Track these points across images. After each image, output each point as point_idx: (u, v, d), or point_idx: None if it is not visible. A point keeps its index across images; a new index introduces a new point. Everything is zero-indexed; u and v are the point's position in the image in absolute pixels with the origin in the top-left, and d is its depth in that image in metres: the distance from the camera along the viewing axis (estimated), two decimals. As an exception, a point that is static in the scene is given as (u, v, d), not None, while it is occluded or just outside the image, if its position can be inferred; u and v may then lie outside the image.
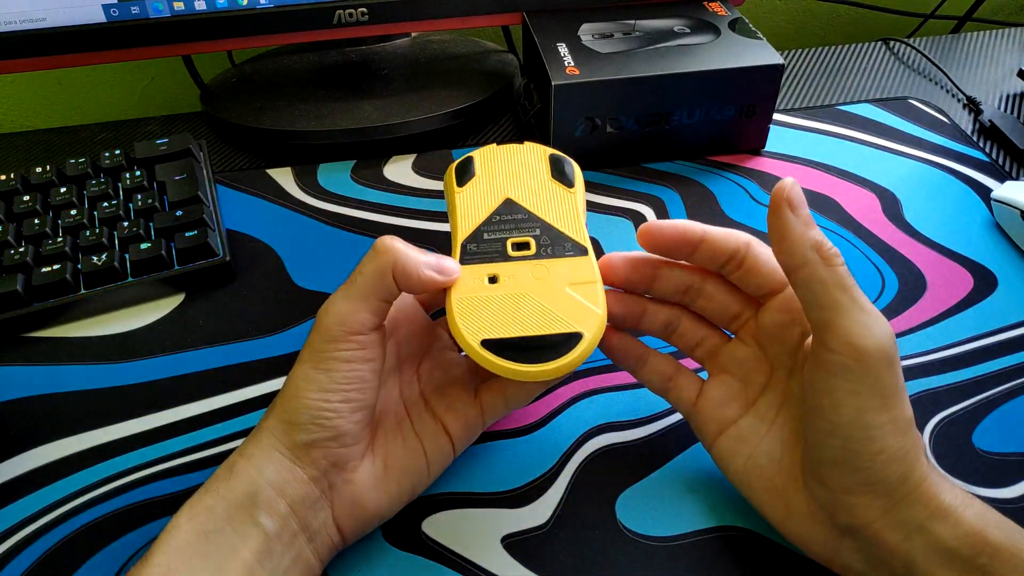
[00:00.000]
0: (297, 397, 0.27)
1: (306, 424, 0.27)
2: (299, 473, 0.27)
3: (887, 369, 0.25)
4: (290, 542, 0.26)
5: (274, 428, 0.27)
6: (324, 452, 0.27)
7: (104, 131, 0.56)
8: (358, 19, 0.50)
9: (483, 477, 0.32)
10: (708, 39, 0.48)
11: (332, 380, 0.27)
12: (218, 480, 0.27)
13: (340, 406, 0.27)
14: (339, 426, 0.27)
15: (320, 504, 0.27)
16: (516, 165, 0.33)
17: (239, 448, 0.28)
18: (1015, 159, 0.49)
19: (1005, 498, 0.31)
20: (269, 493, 0.26)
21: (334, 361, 0.27)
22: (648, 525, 0.30)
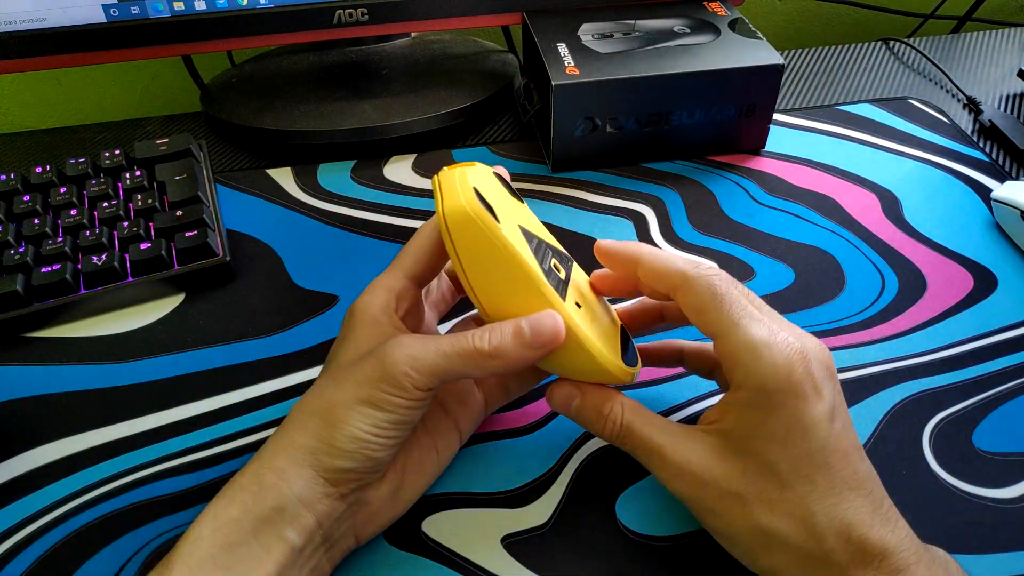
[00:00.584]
0: (345, 424, 0.26)
1: (351, 453, 0.26)
2: (331, 490, 0.26)
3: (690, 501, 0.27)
4: (312, 554, 0.26)
5: (312, 447, 0.26)
6: (357, 477, 0.27)
7: (104, 131, 0.56)
8: (358, 19, 0.50)
9: (483, 477, 0.32)
10: (708, 39, 0.48)
11: (387, 420, 0.26)
12: (244, 490, 0.26)
13: (387, 442, 0.27)
14: (380, 460, 0.27)
15: (344, 516, 0.27)
16: (492, 188, 0.29)
17: (266, 458, 0.26)
18: (1015, 159, 0.49)
19: (1005, 498, 0.31)
20: (298, 508, 0.26)
21: (395, 408, 0.26)
22: (648, 525, 0.30)
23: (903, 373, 0.36)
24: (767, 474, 0.25)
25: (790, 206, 0.46)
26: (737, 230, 0.44)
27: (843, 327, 0.38)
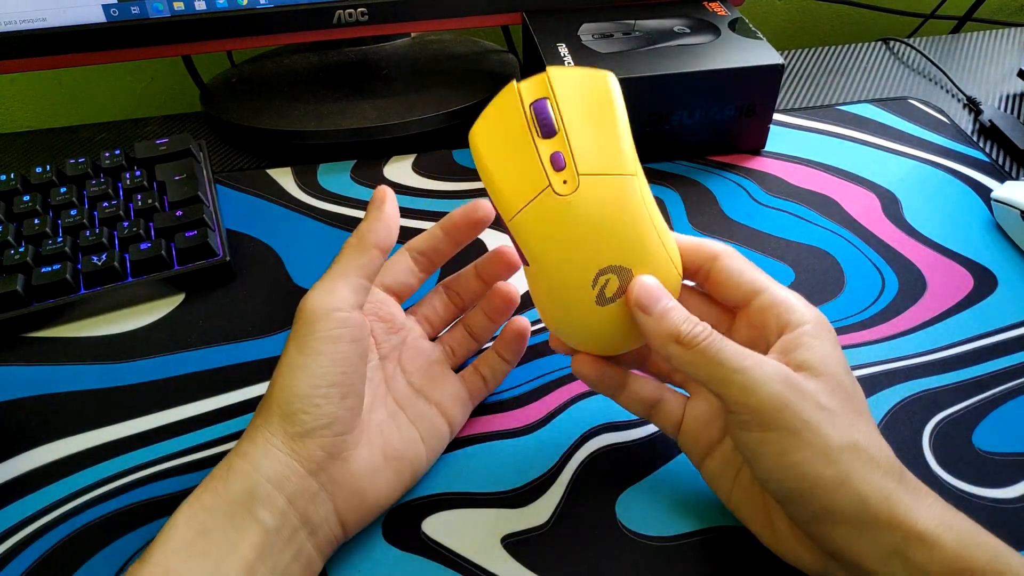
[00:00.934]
0: (286, 388, 0.27)
1: (298, 414, 0.27)
2: (296, 467, 0.27)
3: (779, 411, 0.25)
4: (290, 537, 0.26)
5: (267, 424, 0.27)
6: (319, 443, 0.27)
7: (104, 131, 0.56)
8: (358, 19, 0.50)
9: (483, 477, 0.32)
10: (708, 39, 0.48)
11: (319, 364, 0.27)
12: (215, 479, 0.27)
13: (329, 391, 0.27)
14: (331, 413, 0.27)
15: (320, 497, 0.27)
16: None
17: (234, 448, 0.28)
18: (1015, 159, 0.49)
19: (1005, 498, 0.31)
20: (267, 488, 0.26)
21: (318, 343, 0.27)
22: (648, 525, 0.30)
23: (903, 373, 0.36)
24: (848, 395, 0.26)
25: (790, 206, 0.46)
26: (737, 230, 0.44)
27: (843, 327, 0.38)
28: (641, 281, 0.27)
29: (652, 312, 0.27)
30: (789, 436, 0.25)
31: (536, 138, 0.27)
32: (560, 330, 0.30)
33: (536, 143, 0.27)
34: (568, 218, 0.27)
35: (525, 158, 0.27)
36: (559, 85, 0.28)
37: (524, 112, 0.28)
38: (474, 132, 0.29)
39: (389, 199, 0.30)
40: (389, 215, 0.30)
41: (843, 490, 0.24)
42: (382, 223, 0.30)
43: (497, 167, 0.28)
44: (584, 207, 0.27)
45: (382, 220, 0.30)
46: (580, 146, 0.27)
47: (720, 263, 0.29)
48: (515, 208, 0.27)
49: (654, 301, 0.27)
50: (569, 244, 0.27)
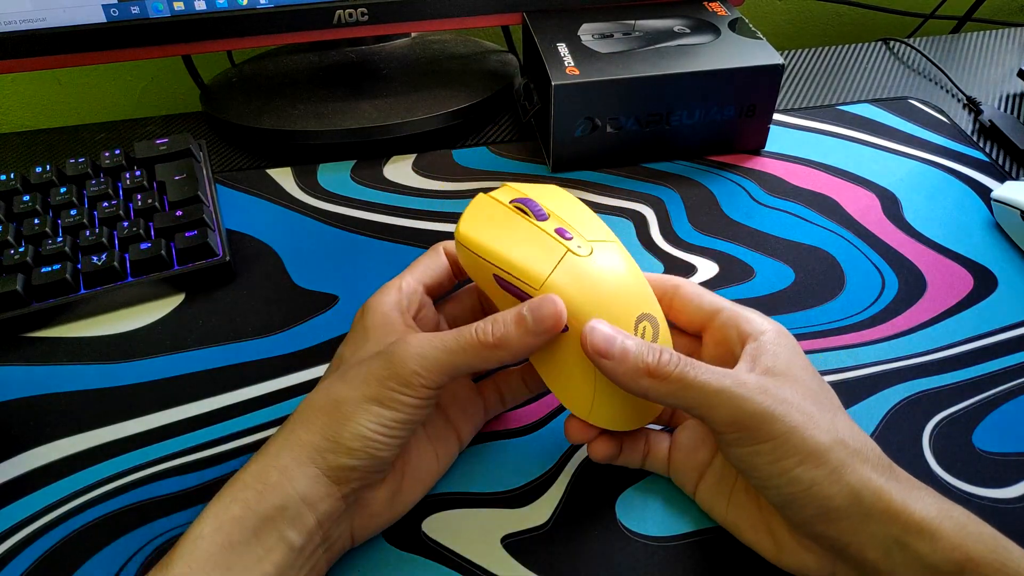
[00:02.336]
0: (352, 422, 0.26)
1: (357, 451, 0.26)
2: (334, 491, 0.26)
3: (767, 423, 0.25)
4: (312, 554, 0.26)
5: (316, 444, 0.26)
6: (361, 475, 0.27)
7: (104, 131, 0.56)
8: (358, 19, 0.50)
9: (483, 477, 0.32)
10: (708, 39, 0.48)
11: (394, 419, 0.26)
12: (248, 489, 0.26)
13: (392, 442, 0.27)
14: (384, 459, 0.27)
15: (344, 517, 0.27)
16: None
17: (270, 456, 0.26)
18: (1015, 159, 0.49)
19: (1005, 498, 0.31)
20: (300, 508, 0.26)
21: (404, 406, 0.26)
22: (648, 525, 0.30)
23: (903, 373, 0.36)
24: (818, 397, 0.27)
25: (790, 206, 0.46)
26: (737, 230, 0.44)
27: (843, 327, 0.38)
28: (589, 328, 0.27)
29: (611, 354, 0.26)
30: (779, 444, 0.25)
31: (533, 221, 0.29)
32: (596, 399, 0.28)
33: (536, 224, 0.29)
34: (596, 274, 0.28)
35: (532, 236, 0.29)
36: (531, 190, 0.31)
37: (509, 207, 0.30)
38: (464, 230, 0.30)
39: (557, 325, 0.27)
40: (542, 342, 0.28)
41: (836, 487, 0.25)
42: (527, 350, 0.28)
43: (507, 249, 0.29)
44: (605, 265, 0.29)
45: (531, 347, 0.28)
46: (575, 221, 0.30)
47: (681, 291, 0.31)
48: (542, 276, 0.28)
49: (610, 342, 0.26)
50: (605, 297, 0.28)
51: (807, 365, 0.28)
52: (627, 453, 0.31)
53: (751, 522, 0.29)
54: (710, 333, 0.31)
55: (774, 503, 0.26)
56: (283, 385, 0.36)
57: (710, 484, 0.30)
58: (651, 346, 0.27)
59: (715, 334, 0.30)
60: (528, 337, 0.27)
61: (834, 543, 0.25)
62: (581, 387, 0.28)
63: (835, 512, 0.25)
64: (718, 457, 0.30)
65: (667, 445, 0.31)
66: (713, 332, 0.30)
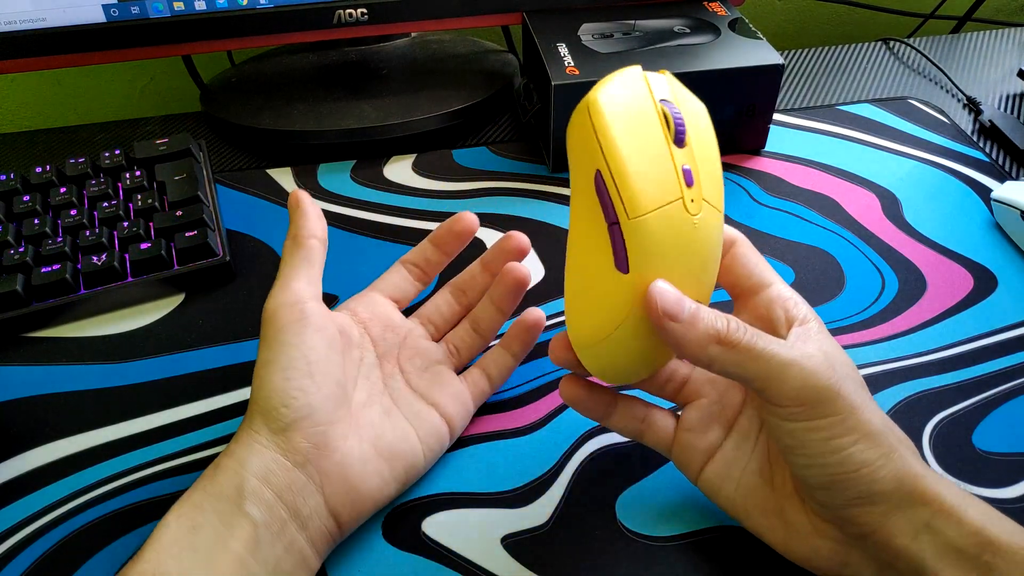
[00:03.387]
0: (262, 386, 0.28)
1: (277, 408, 0.27)
2: (282, 461, 0.27)
3: (832, 400, 0.25)
4: (280, 530, 0.26)
5: (251, 423, 0.28)
6: (302, 435, 0.27)
7: (104, 131, 0.56)
8: (358, 19, 0.50)
9: (483, 477, 0.32)
10: (708, 39, 0.48)
11: (288, 357, 0.28)
12: (204, 479, 0.27)
13: (304, 383, 0.28)
14: (308, 404, 0.28)
15: (308, 490, 0.27)
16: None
17: (224, 450, 0.28)
18: (1015, 159, 0.49)
19: (1005, 498, 0.31)
20: (254, 483, 0.26)
21: (283, 336, 0.28)
22: (648, 525, 0.30)
23: (903, 373, 0.36)
24: (861, 385, 0.26)
25: (790, 206, 0.46)
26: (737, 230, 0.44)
27: (843, 327, 0.38)
28: (660, 288, 0.25)
29: (681, 317, 0.25)
30: (839, 422, 0.25)
31: (669, 140, 0.25)
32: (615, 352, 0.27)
33: (671, 147, 0.25)
34: (693, 238, 0.25)
35: (660, 159, 0.25)
36: (677, 93, 0.27)
37: (656, 108, 0.25)
38: (597, 101, 0.25)
39: (303, 198, 0.32)
40: (310, 209, 0.32)
41: (884, 470, 0.25)
42: (307, 217, 0.31)
43: (631, 155, 0.24)
44: (705, 232, 0.26)
45: (306, 215, 0.32)
46: (703, 169, 0.26)
47: (736, 249, 0.30)
48: (644, 208, 0.24)
49: (680, 306, 0.25)
50: (689, 264, 0.26)
51: (849, 360, 0.27)
52: (620, 418, 0.30)
53: (761, 506, 0.28)
54: (752, 304, 0.29)
55: (814, 483, 0.26)
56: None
57: (718, 467, 0.29)
58: (719, 313, 0.26)
59: (758, 307, 0.29)
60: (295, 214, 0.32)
61: (863, 528, 0.25)
62: (597, 324, 0.26)
63: (878, 495, 0.25)
64: (730, 438, 0.29)
65: (672, 424, 0.30)
66: (756, 304, 0.29)
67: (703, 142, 0.26)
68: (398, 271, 0.36)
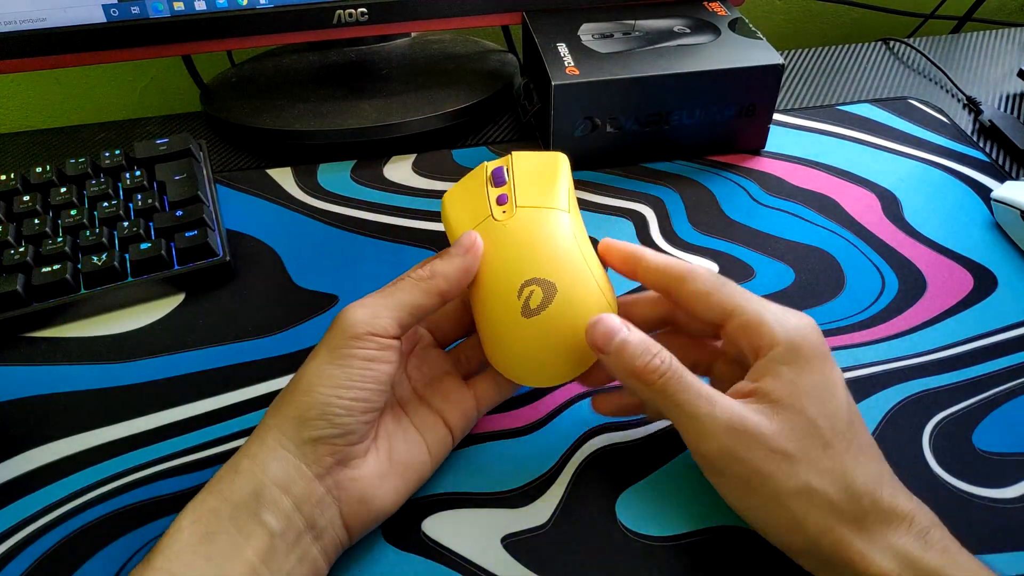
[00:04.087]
0: (309, 392, 0.27)
1: (315, 420, 0.27)
2: (304, 470, 0.27)
3: (734, 461, 0.25)
4: (295, 541, 0.26)
5: (280, 425, 0.27)
6: (330, 449, 0.27)
7: (104, 131, 0.56)
8: (358, 19, 0.50)
9: (483, 477, 0.32)
10: (708, 39, 0.48)
11: (348, 376, 0.27)
12: (221, 480, 0.26)
13: (352, 404, 0.27)
14: (348, 424, 0.27)
15: (326, 502, 0.27)
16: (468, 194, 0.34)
17: (242, 448, 0.27)
18: (1015, 159, 0.49)
19: (1005, 498, 0.31)
20: (273, 491, 0.26)
21: (353, 358, 0.27)
22: (648, 525, 0.30)
23: (903, 373, 0.36)
24: (811, 431, 0.26)
25: (790, 206, 0.46)
26: (737, 230, 0.44)
27: (843, 327, 0.38)
28: (597, 319, 0.28)
29: (608, 349, 0.27)
30: (739, 483, 0.26)
31: (489, 187, 0.32)
32: (492, 352, 0.31)
33: (488, 191, 0.32)
34: (501, 239, 0.30)
35: (477, 201, 0.32)
36: (518, 159, 0.33)
37: (485, 175, 0.33)
38: (446, 196, 0.34)
39: (474, 251, 0.30)
40: (469, 267, 0.30)
41: (794, 535, 0.25)
42: (457, 275, 0.29)
43: (453, 211, 0.33)
44: (516, 231, 0.30)
45: (460, 271, 0.29)
46: (523, 190, 0.32)
47: (687, 287, 0.29)
48: (457, 235, 0.31)
49: (609, 337, 0.27)
50: (499, 262, 0.30)
51: (814, 387, 0.26)
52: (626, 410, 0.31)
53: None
54: (725, 338, 0.29)
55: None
56: (283, 385, 0.36)
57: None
58: (649, 348, 0.26)
59: (728, 341, 0.29)
60: (453, 260, 0.29)
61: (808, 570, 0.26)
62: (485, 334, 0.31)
63: (793, 552, 0.26)
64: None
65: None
66: (727, 338, 0.29)
67: (537, 175, 0.33)
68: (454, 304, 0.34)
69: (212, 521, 0.25)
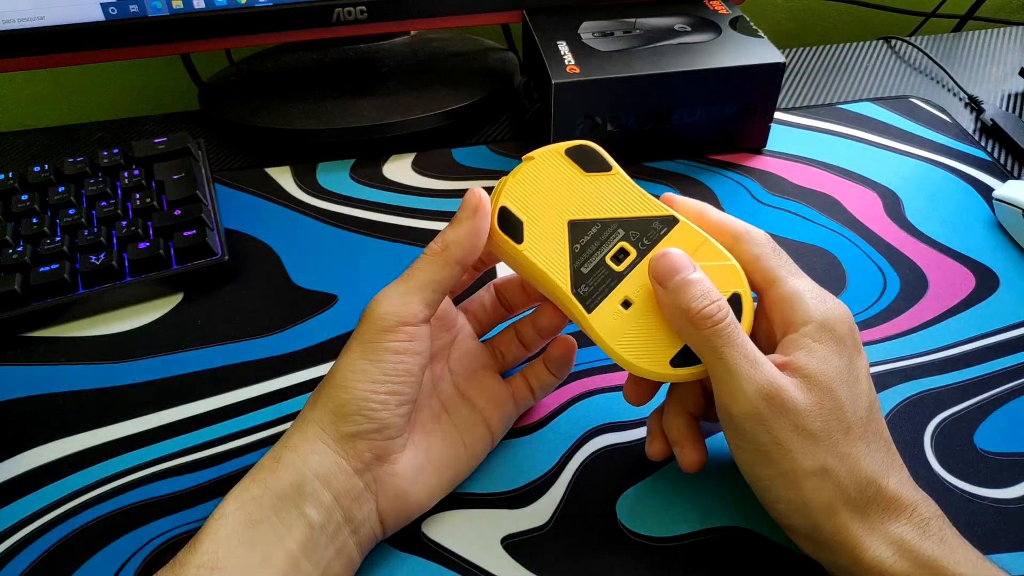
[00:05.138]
0: (345, 388, 0.27)
1: (353, 415, 0.27)
2: (344, 465, 0.27)
3: (760, 428, 0.25)
4: (334, 534, 0.26)
5: (320, 419, 0.27)
6: (369, 444, 0.27)
7: (102, 130, 0.56)
8: (357, 17, 0.50)
9: (483, 477, 0.32)
10: (709, 37, 0.48)
11: (381, 371, 0.27)
12: (264, 470, 0.27)
13: (387, 398, 0.27)
14: (384, 419, 0.27)
15: (364, 497, 0.27)
16: (546, 185, 0.30)
17: (283, 438, 0.28)
18: (1017, 158, 0.49)
19: (1007, 498, 0.31)
20: (315, 484, 0.26)
21: (385, 352, 0.27)
22: (648, 525, 0.30)
23: (905, 373, 0.35)
24: (836, 413, 0.25)
25: (791, 205, 0.45)
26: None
27: (844, 327, 0.38)
28: (663, 252, 0.27)
29: (667, 284, 0.27)
30: (758, 452, 0.26)
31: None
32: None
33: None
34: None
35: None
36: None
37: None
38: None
39: (482, 209, 0.28)
40: (480, 229, 0.28)
41: (800, 515, 0.25)
42: (470, 238, 0.28)
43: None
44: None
45: (471, 234, 0.28)
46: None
47: (740, 246, 0.29)
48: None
49: (672, 272, 0.27)
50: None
51: (844, 369, 0.26)
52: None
53: None
54: (764, 303, 0.28)
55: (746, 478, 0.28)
56: (282, 385, 0.36)
57: None
58: (709, 293, 0.26)
59: (766, 308, 0.28)
60: (465, 225, 0.28)
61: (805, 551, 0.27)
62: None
63: (793, 530, 0.26)
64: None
65: None
66: (766, 305, 0.28)
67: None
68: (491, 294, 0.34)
69: (255, 509, 0.25)
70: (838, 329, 0.27)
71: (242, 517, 0.25)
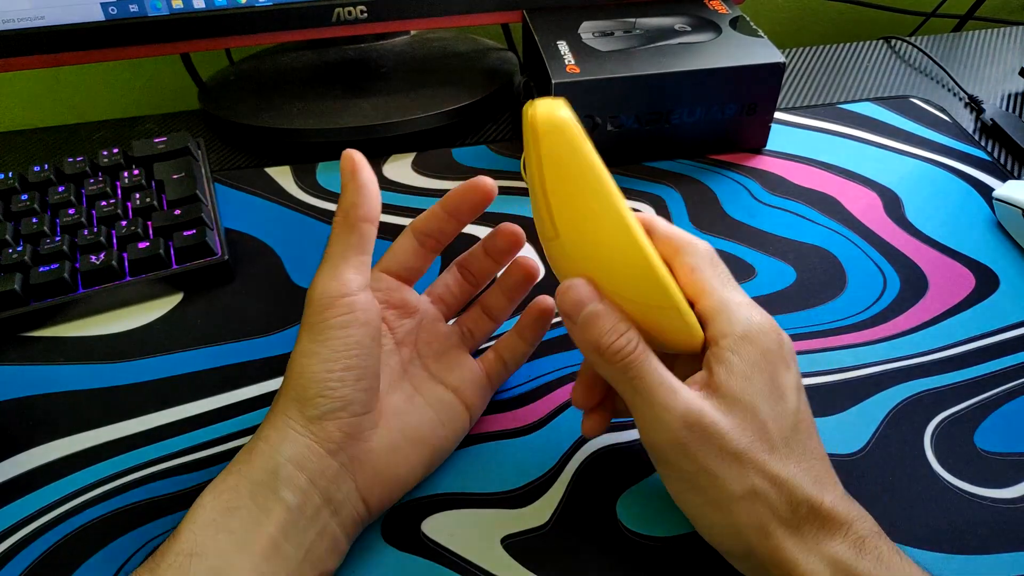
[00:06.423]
0: (301, 374, 0.27)
1: (314, 398, 0.27)
2: (315, 447, 0.27)
3: (684, 456, 0.25)
4: (314, 516, 0.27)
5: (286, 409, 0.28)
6: (337, 424, 0.27)
7: (102, 129, 0.56)
8: (357, 17, 0.50)
9: (483, 477, 0.32)
10: (709, 37, 0.48)
11: (331, 349, 0.27)
12: (239, 462, 0.27)
13: (344, 374, 0.27)
14: (346, 395, 0.27)
15: (342, 476, 0.28)
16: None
17: (256, 432, 0.28)
18: (1017, 158, 0.49)
19: (1007, 498, 0.31)
20: (289, 469, 0.26)
21: (329, 329, 0.27)
22: (648, 525, 0.30)
23: (905, 373, 0.35)
24: (760, 432, 0.25)
25: (791, 205, 0.45)
26: (738, 229, 0.44)
27: (844, 327, 0.38)
28: (569, 284, 0.26)
29: (575, 319, 0.26)
30: (685, 480, 0.26)
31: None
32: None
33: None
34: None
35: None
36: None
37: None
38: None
39: (361, 166, 0.29)
40: (367, 183, 0.29)
41: (732, 539, 0.25)
42: (362, 195, 0.29)
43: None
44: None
45: (362, 191, 0.29)
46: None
47: (680, 258, 0.28)
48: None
49: (579, 306, 0.26)
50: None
51: (766, 383, 0.26)
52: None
53: None
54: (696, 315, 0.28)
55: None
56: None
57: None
58: (618, 326, 0.26)
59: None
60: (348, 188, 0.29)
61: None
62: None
63: (729, 554, 0.26)
64: None
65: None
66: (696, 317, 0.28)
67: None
68: (407, 243, 0.33)
69: (232, 497, 0.26)
70: (761, 341, 0.26)
71: (219, 505, 0.26)
